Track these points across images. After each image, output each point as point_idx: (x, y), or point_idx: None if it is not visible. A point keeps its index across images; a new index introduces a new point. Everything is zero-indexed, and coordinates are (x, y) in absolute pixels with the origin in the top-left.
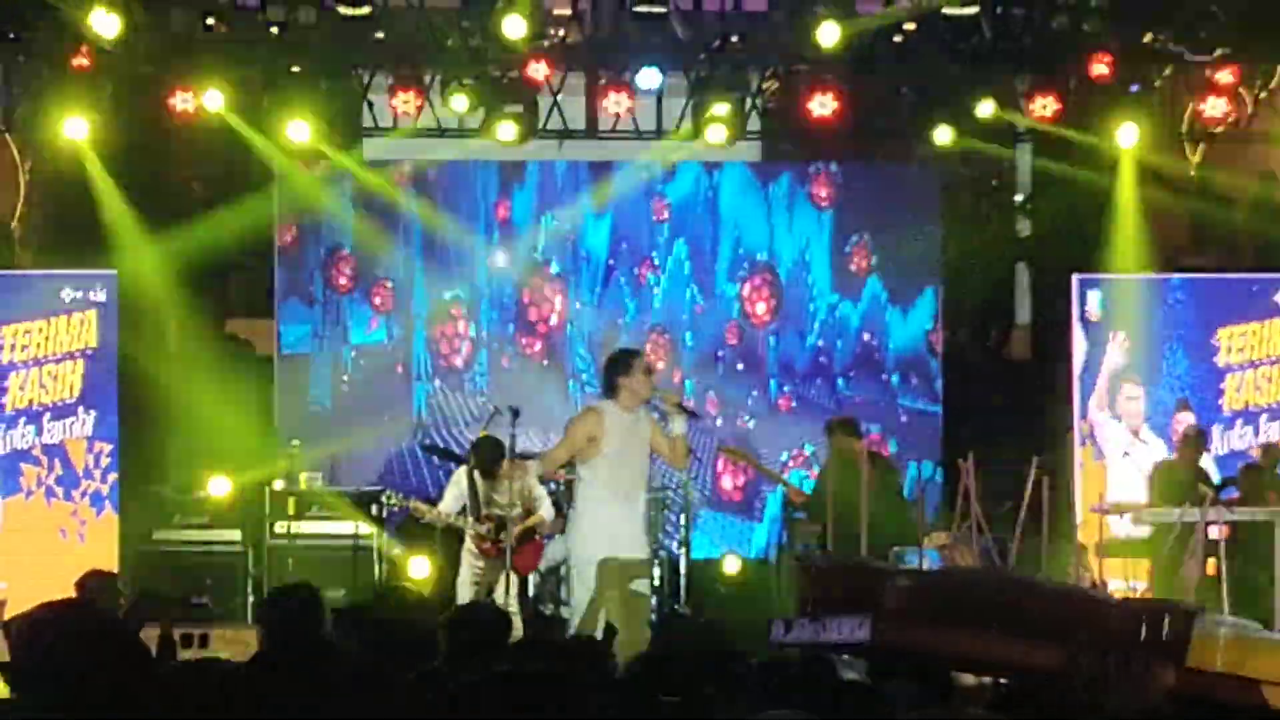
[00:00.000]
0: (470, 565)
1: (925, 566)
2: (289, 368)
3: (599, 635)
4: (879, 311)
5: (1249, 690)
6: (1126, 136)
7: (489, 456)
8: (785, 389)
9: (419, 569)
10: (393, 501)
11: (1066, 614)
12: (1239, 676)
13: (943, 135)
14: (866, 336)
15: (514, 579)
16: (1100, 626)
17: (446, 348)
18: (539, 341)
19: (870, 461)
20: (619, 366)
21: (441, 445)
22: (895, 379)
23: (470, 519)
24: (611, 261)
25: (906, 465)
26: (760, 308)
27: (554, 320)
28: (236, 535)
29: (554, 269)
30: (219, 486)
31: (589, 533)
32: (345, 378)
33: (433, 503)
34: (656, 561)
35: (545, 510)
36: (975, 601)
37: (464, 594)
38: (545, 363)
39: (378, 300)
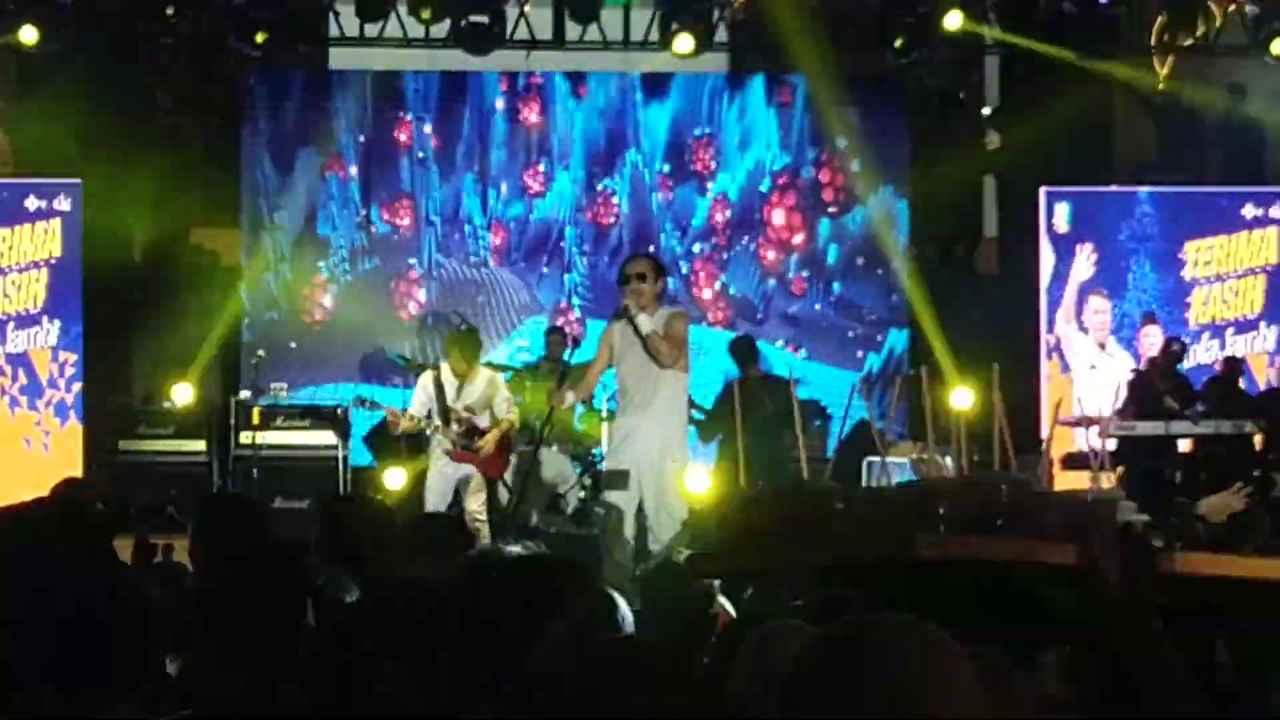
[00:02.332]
0: (439, 471)
1: (895, 479)
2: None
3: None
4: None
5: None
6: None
7: (472, 348)
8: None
9: (394, 480)
10: (364, 405)
11: (1077, 514)
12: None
13: (910, 46)
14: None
15: (483, 485)
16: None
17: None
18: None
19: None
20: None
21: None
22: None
23: (439, 422)
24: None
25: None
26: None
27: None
28: (202, 446)
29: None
30: (182, 394)
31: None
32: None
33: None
34: None
35: (514, 415)
36: (991, 508)
37: (431, 500)
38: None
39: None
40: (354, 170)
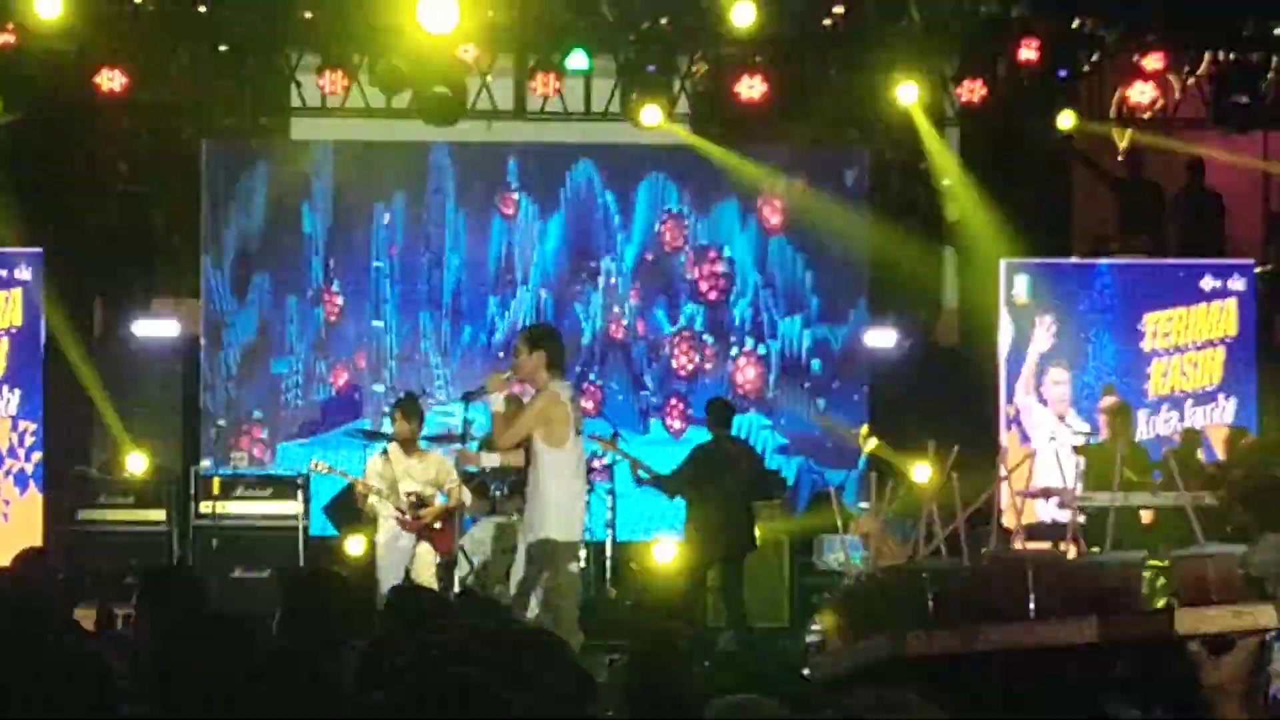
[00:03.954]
0: (388, 543)
1: (845, 557)
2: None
3: (529, 615)
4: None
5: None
6: (1063, 121)
7: (417, 416)
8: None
9: (354, 547)
10: (322, 470)
11: (1096, 584)
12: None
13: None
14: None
15: (433, 557)
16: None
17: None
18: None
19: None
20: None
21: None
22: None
23: (391, 494)
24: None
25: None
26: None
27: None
28: (161, 515)
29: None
30: (136, 463)
31: (558, 512)
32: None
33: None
34: (583, 544)
35: (465, 493)
36: (997, 593)
37: (384, 572)
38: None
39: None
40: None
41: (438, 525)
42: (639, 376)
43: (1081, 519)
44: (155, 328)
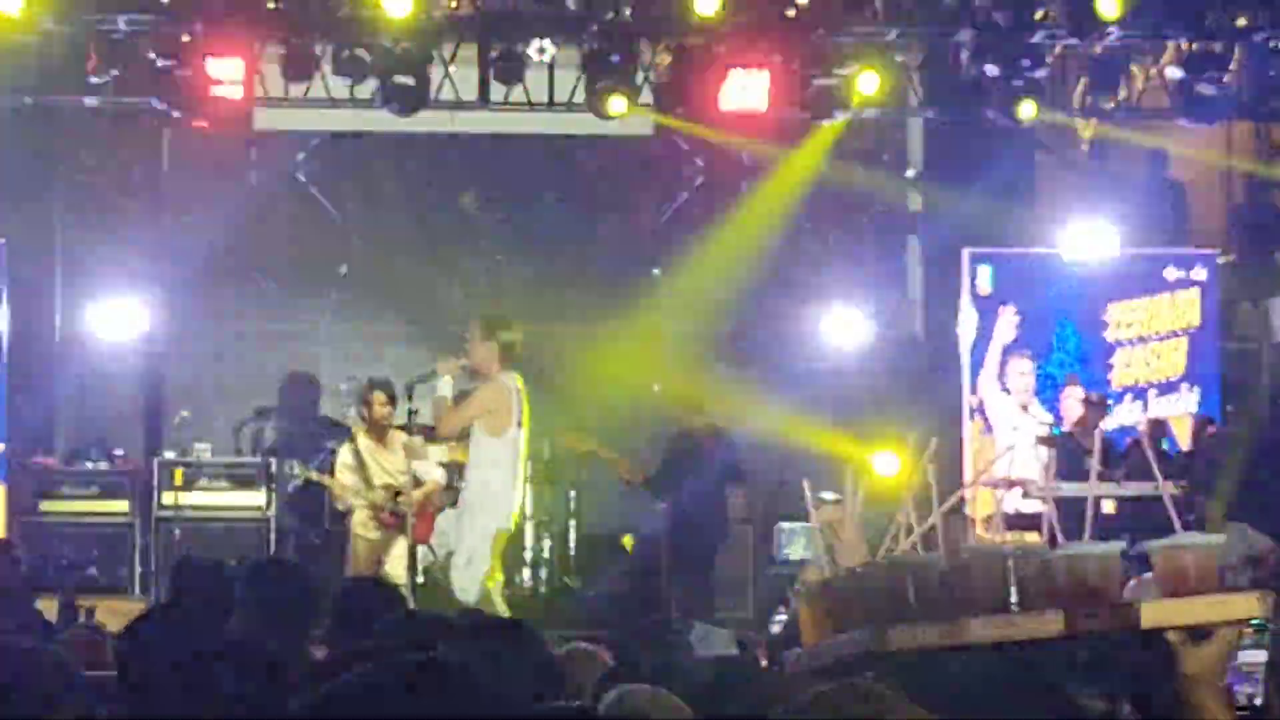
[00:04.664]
0: (363, 539)
1: (804, 549)
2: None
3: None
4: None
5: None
6: (1025, 111)
7: (392, 400)
8: None
9: (317, 537)
10: (300, 473)
11: (1075, 576)
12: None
13: (836, 109)
14: None
15: (406, 549)
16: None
17: None
18: None
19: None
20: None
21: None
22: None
23: (365, 488)
24: None
25: None
26: None
27: None
28: (124, 506)
29: None
30: (99, 454)
31: (491, 498)
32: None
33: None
34: (546, 534)
35: (439, 476)
36: (977, 586)
37: (355, 566)
38: None
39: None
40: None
41: (413, 517)
42: None
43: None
44: (118, 318)
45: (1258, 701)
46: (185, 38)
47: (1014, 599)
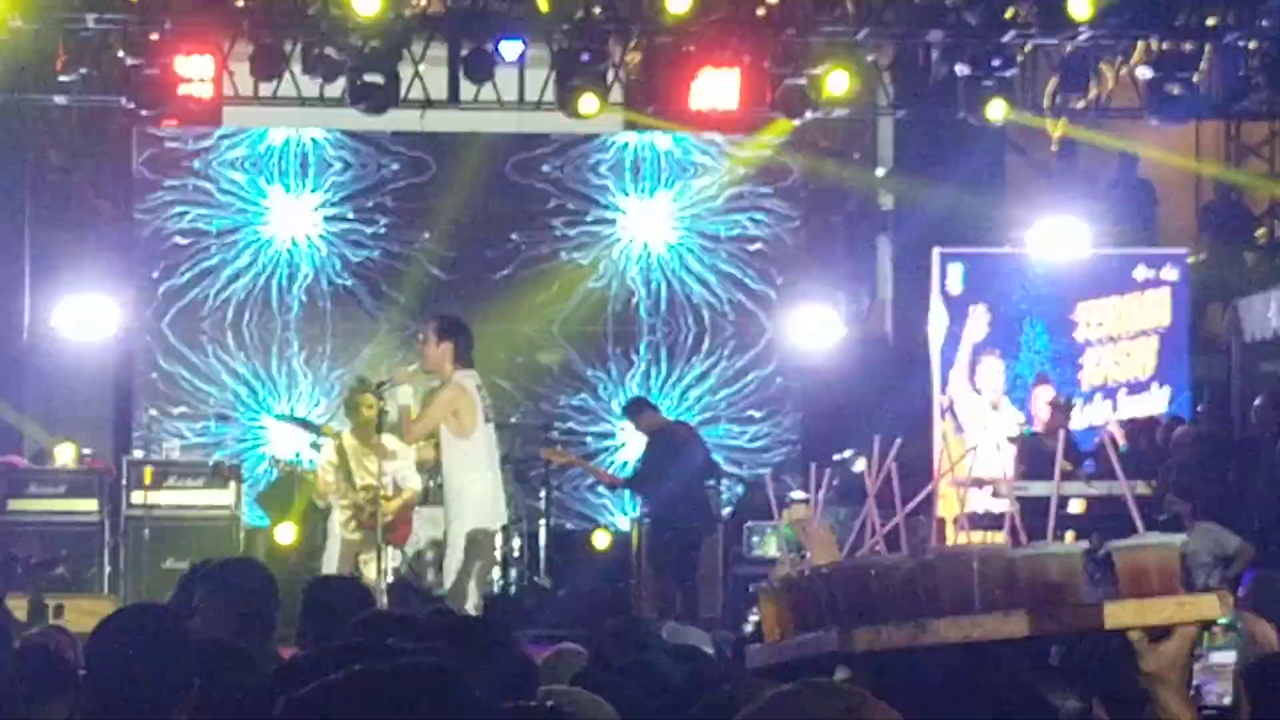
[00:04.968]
0: (343, 539)
1: (777, 546)
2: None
3: (468, 605)
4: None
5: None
6: (994, 111)
7: (374, 395)
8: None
9: (284, 535)
10: (280, 465)
11: (1040, 577)
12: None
13: (806, 108)
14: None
15: (387, 552)
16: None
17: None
18: None
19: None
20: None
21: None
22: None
23: (349, 489)
24: None
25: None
26: None
27: None
28: (93, 505)
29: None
30: (64, 453)
31: (473, 502)
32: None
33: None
34: (517, 533)
35: (417, 483)
36: (943, 587)
37: (331, 564)
38: None
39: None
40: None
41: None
42: None
43: (1013, 509)
44: (86, 316)
45: (1226, 701)
46: (154, 36)
47: (978, 600)
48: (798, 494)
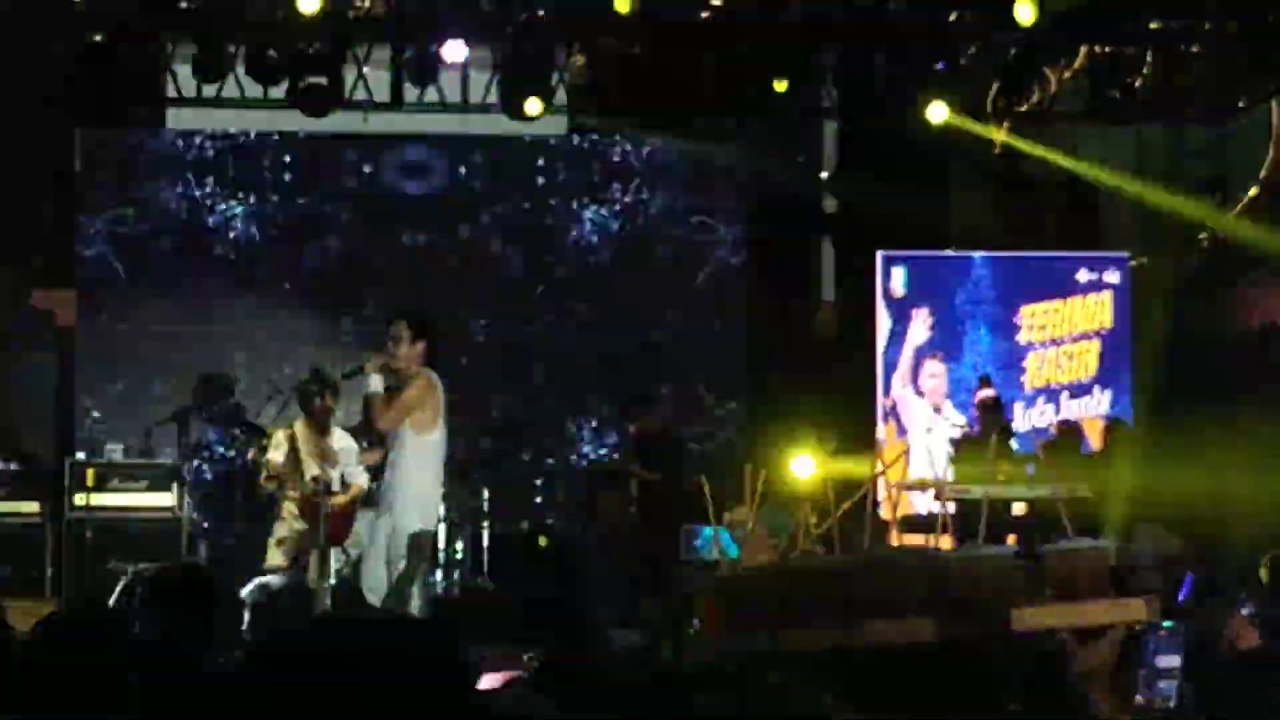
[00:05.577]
0: (289, 526)
1: (720, 548)
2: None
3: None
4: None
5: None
6: (936, 114)
7: (335, 394)
8: None
9: (228, 538)
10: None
11: (970, 580)
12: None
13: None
14: None
15: (330, 554)
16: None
17: None
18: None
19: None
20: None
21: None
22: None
23: (298, 478)
24: None
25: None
26: None
27: None
28: (35, 507)
29: None
30: (6, 455)
31: (421, 501)
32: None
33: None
34: (459, 535)
35: (364, 481)
36: (877, 588)
37: (277, 556)
38: None
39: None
40: None
41: (329, 509)
42: None
43: (953, 510)
44: (29, 317)
45: (1172, 704)
46: (97, 37)
47: (910, 601)
48: None
